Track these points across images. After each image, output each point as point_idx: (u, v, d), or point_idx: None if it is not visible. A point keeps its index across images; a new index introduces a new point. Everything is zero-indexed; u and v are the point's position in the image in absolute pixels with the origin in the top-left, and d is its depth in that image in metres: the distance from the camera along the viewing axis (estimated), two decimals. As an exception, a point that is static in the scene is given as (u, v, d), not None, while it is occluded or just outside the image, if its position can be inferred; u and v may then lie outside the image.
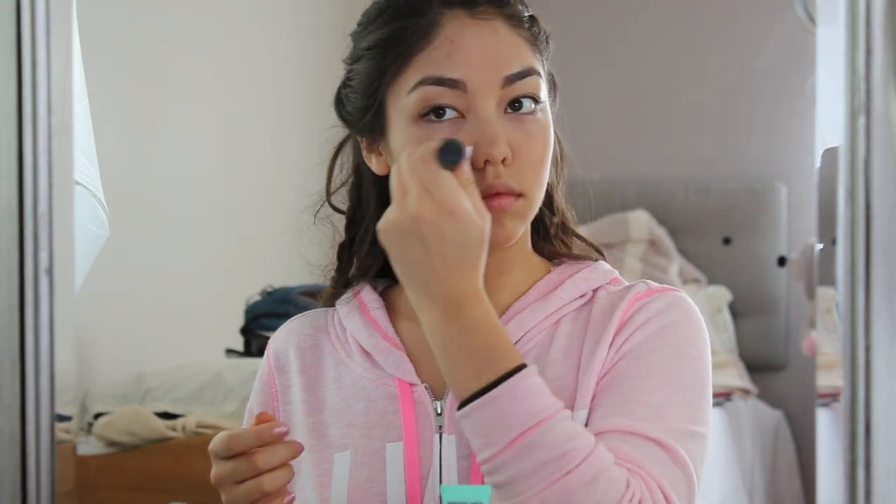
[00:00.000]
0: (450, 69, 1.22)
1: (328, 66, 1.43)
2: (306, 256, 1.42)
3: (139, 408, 2.71)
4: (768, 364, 4.17)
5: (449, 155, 1.18)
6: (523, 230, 1.27)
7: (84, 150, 1.75)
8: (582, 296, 1.30)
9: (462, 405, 1.16)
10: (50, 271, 0.93)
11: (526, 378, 1.15)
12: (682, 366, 1.24)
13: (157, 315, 3.32)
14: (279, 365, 1.36)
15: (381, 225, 1.18)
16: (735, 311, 4.17)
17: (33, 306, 0.93)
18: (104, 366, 3.10)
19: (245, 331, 3.22)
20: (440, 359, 1.18)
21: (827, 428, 0.94)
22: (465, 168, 1.19)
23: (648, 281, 1.30)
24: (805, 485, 3.98)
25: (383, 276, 1.36)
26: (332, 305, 1.38)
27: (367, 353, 1.32)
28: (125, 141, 3.14)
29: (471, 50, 1.23)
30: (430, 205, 1.15)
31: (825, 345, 0.91)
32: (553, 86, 1.32)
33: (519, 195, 1.24)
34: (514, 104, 1.24)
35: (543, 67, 1.28)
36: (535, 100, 1.25)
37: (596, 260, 1.35)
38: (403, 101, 1.24)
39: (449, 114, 1.23)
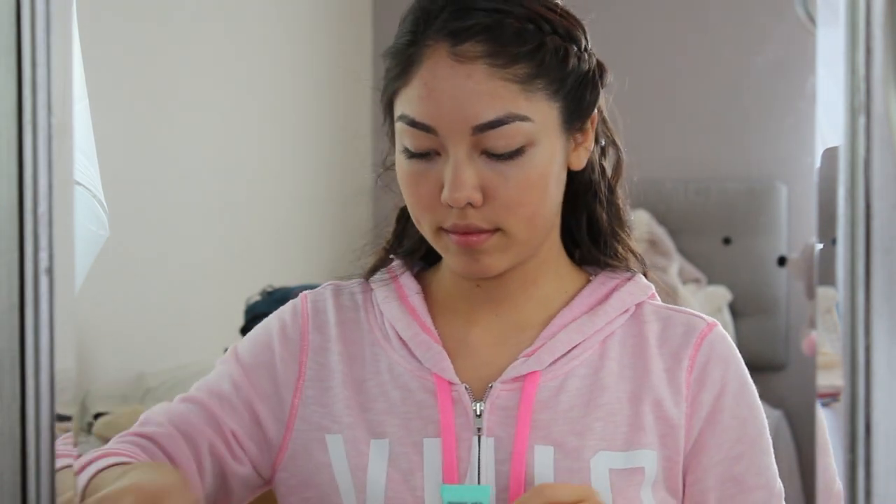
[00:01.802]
0: (421, 113, 1.19)
1: (328, 68, 1.43)
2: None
3: (139, 408, 2.71)
4: (768, 364, 4.17)
5: None
6: (510, 263, 1.24)
7: (84, 150, 1.74)
8: (626, 311, 1.30)
9: None
10: (50, 271, 0.93)
11: None
12: (764, 426, 1.32)
13: (157, 315, 3.31)
14: (318, 324, 1.33)
15: None
16: (735, 310, 4.17)
17: (33, 306, 0.93)
18: (104, 366, 3.10)
19: (245, 331, 3.22)
20: None
21: (827, 428, 0.94)
22: None
23: (702, 315, 1.33)
24: (805, 485, 3.98)
25: (420, 258, 1.35)
26: (369, 278, 1.35)
27: (404, 342, 1.29)
28: (125, 141, 3.14)
29: (441, 96, 1.18)
30: None
31: (825, 345, 0.91)
32: (577, 100, 1.25)
33: (496, 230, 1.21)
34: (490, 148, 1.19)
35: (550, 97, 1.21)
36: (512, 146, 1.19)
37: (633, 271, 1.34)
38: (396, 125, 1.23)
39: (428, 151, 1.21)
